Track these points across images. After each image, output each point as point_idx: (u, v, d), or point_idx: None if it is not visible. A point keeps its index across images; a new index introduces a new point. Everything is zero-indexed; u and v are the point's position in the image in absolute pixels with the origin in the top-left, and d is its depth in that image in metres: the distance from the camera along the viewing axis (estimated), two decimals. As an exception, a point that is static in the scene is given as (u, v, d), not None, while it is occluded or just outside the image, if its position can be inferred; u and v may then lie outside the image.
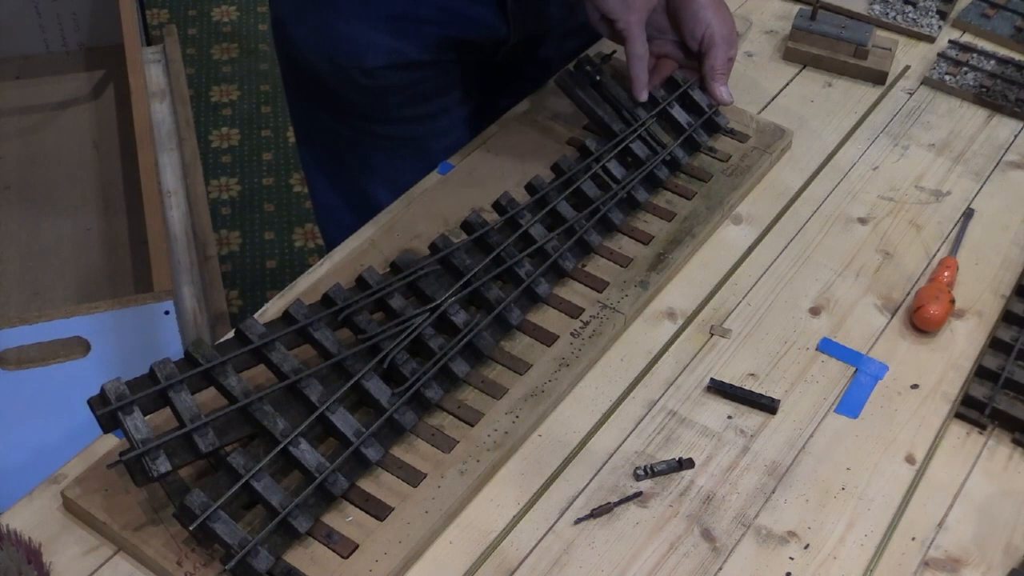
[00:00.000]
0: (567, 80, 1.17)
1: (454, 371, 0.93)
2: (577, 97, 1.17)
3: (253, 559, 0.79)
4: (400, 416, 0.89)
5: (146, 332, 1.52)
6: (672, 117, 1.17)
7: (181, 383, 0.85)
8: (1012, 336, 1.02)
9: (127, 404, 0.82)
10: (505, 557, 0.86)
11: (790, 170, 1.21)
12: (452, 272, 1.00)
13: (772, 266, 1.10)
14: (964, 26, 1.40)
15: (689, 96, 1.19)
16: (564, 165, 1.10)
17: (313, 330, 0.92)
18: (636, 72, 1.13)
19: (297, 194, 2.58)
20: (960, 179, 1.21)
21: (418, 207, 1.11)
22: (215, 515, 0.80)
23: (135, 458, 0.81)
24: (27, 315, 1.47)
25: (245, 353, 0.89)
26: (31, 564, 0.81)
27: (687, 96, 1.19)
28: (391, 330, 0.93)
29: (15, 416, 1.55)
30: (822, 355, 1.02)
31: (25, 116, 2.12)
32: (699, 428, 0.95)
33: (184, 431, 0.83)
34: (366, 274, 0.97)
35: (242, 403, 0.85)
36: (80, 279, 1.82)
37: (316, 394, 0.88)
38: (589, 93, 1.17)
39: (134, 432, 0.82)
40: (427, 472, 0.88)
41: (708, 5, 1.15)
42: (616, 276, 1.05)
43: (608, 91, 1.17)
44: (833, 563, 0.87)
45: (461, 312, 0.97)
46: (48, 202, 1.95)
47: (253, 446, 0.86)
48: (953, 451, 0.95)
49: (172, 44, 2.35)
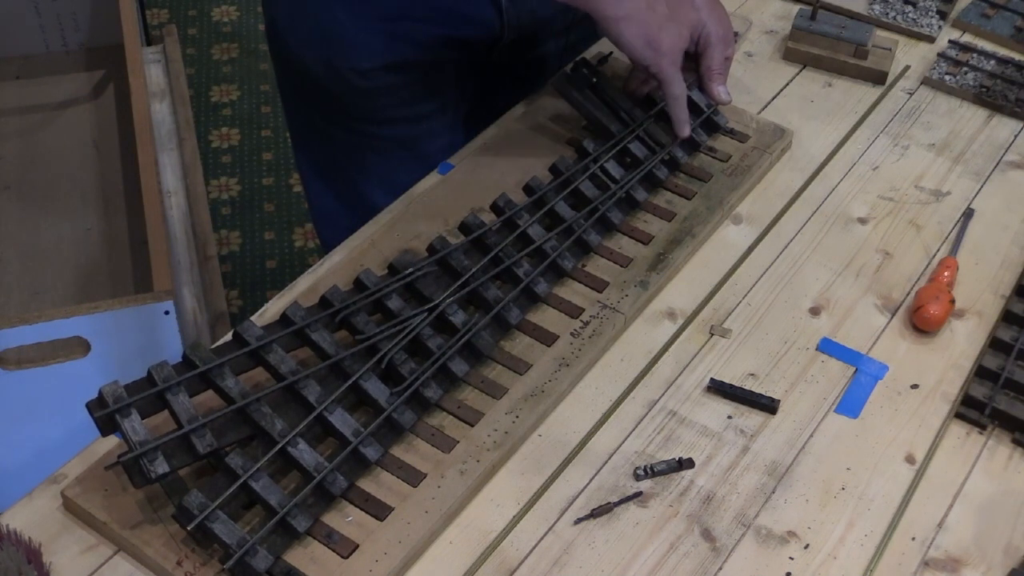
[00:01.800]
0: (564, 83, 1.17)
1: (453, 370, 0.93)
2: (574, 99, 1.17)
3: (252, 558, 0.79)
4: (399, 416, 0.89)
5: (146, 332, 1.52)
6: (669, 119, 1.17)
7: (179, 385, 0.85)
8: (1012, 336, 1.02)
9: (125, 407, 0.82)
10: (505, 557, 0.86)
11: (790, 170, 1.21)
12: (450, 273, 1.00)
13: (772, 266, 1.10)
14: (964, 26, 1.40)
15: (688, 96, 1.19)
16: (562, 166, 1.10)
17: (310, 332, 0.92)
18: (675, 113, 1.14)
19: (297, 194, 2.58)
20: (960, 179, 1.21)
21: (418, 207, 1.11)
22: (213, 515, 0.80)
23: (133, 460, 0.81)
24: (27, 315, 1.47)
25: (243, 355, 0.89)
26: (31, 564, 0.81)
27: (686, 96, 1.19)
28: (389, 331, 0.93)
29: (15, 416, 1.55)
30: (822, 355, 1.02)
31: (25, 116, 2.12)
32: (699, 428, 0.95)
33: (182, 432, 0.83)
34: (363, 275, 0.97)
35: (239, 404, 0.85)
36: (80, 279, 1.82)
37: (314, 395, 0.88)
38: (586, 95, 1.17)
39: (132, 434, 0.82)
40: (427, 472, 0.88)
41: (703, 6, 1.15)
42: (616, 276, 1.05)
43: (605, 92, 1.17)
44: (833, 563, 0.87)
45: (459, 312, 0.97)
46: (48, 202, 1.95)
47: (251, 447, 0.86)
48: (953, 451, 0.95)
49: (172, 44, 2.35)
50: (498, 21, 1.21)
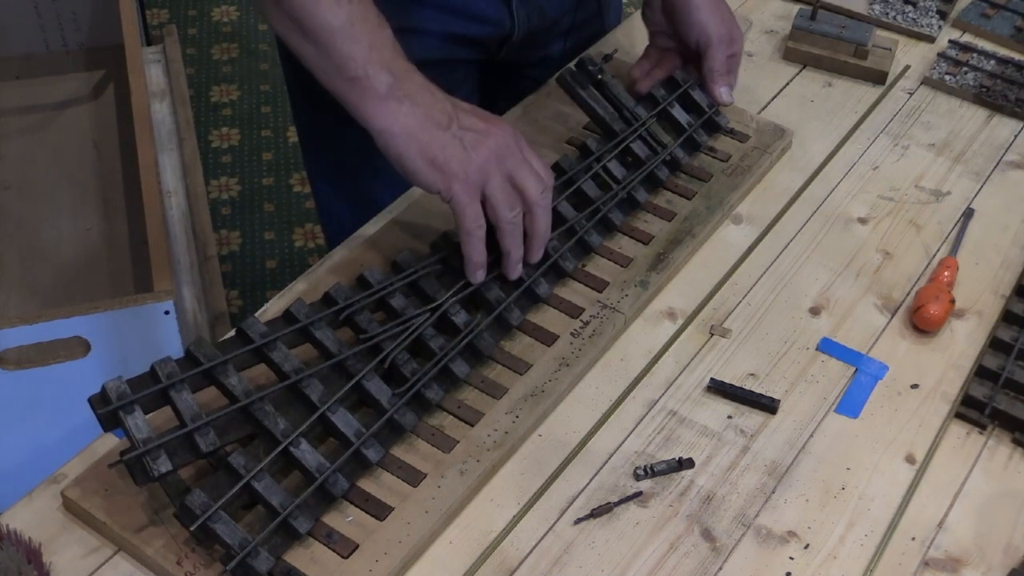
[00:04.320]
0: (569, 79, 1.17)
1: (454, 372, 0.93)
2: (579, 96, 1.17)
3: (253, 560, 0.79)
4: (400, 417, 0.89)
5: (146, 332, 1.52)
6: (672, 117, 1.17)
7: (182, 382, 0.85)
8: (1012, 336, 1.02)
9: (128, 403, 0.82)
10: (505, 557, 0.86)
11: (790, 170, 1.21)
12: (453, 272, 1.00)
13: (772, 266, 1.10)
14: (964, 26, 1.40)
15: (689, 96, 1.19)
16: (565, 165, 1.10)
17: (314, 329, 0.92)
18: (468, 251, 0.95)
19: (297, 194, 2.58)
20: (960, 179, 1.21)
21: (421, 206, 1.11)
22: (216, 515, 0.80)
23: (136, 458, 0.80)
24: (27, 315, 1.47)
25: (246, 352, 0.89)
26: (31, 564, 0.81)
27: (687, 96, 1.19)
28: (392, 330, 0.93)
29: (15, 416, 1.55)
30: (822, 355, 1.02)
31: (25, 116, 2.13)
32: (699, 428, 0.95)
33: (185, 431, 0.83)
34: (367, 274, 0.97)
35: (243, 403, 0.85)
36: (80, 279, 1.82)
37: (317, 394, 0.88)
38: (590, 92, 1.17)
39: (135, 431, 0.81)
40: (427, 472, 0.88)
41: (703, 5, 1.15)
42: (616, 276, 1.05)
43: (609, 90, 1.17)
44: (833, 563, 0.87)
45: (462, 312, 0.97)
46: (48, 202, 1.95)
47: (253, 446, 0.85)
48: (953, 451, 0.95)
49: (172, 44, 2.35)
50: (509, 19, 1.21)
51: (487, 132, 0.95)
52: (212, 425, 0.84)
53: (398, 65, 0.94)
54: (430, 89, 0.95)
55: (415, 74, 0.95)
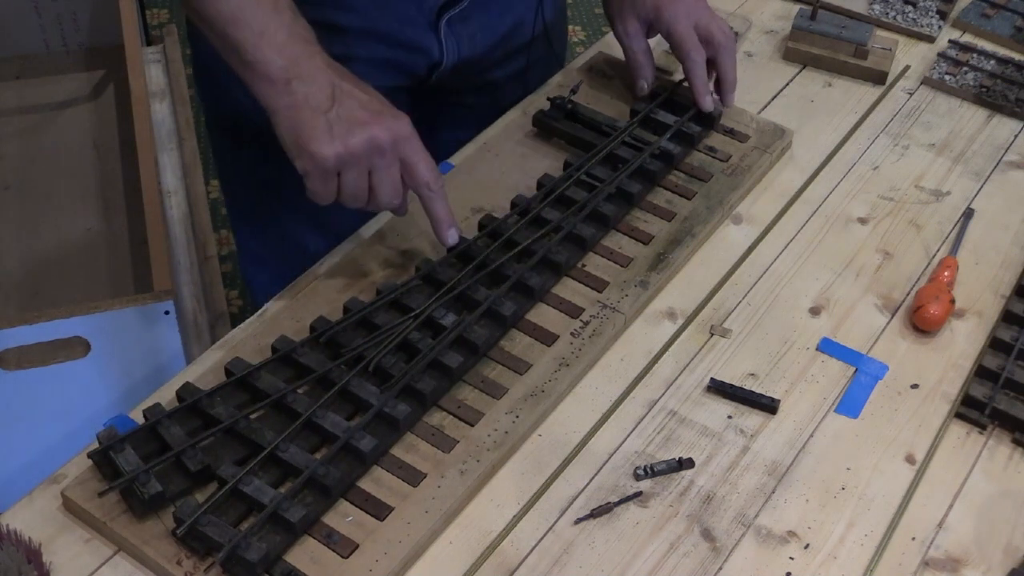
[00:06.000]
0: (543, 121, 1.19)
1: (446, 363, 0.93)
2: (557, 131, 1.18)
3: (244, 551, 0.79)
4: (391, 409, 0.89)
5: (146, 332, 1.52)
6: (657, 122, 1.18)
7: (169, 418, 0.87)
8: (1012, 336, 1.02)
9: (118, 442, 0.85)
10: (505, 557, 0.86)
11: (790, 170, 1.21)
12: (437, 285, 1.00)
13: (772, 266, 1.10)
14: (964, 26, 1.40)
15: (673, 100, 1.20)
16: (547, 182, 1.11)
17: (297, 356, 0.93)
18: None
19: (297, 194, 2.58)
20: (960, 179, 1.21)
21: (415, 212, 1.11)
22: (204, 518, 0.81)
23: (127, 483, 0.82)
24: (27, 315, 1.46)
25: (230, 384, 0.91)
26: (31, 564, 0.81)
27: (671, 101, 1.21)
28: (376, 338, 0.94)
29: (15, 416, 1.55)
30: (822, 355, 1.02)
31: (25, 116, 2.12)
32: (699, 428, 0.95)
33: (172, 454, 0.85)
34: (350, 303, 0.98)
35: (226, 423, 0.87)
36: (80, 279, 1.81)
37: (303, 405, 0.89)
38: (566, 124, 1.18)
39: (124, 465, 0.84)
40: (427, 472, 0.88)
41: (679, 18, 1.14)
42: (616, 276, 1.05)
43: (583, 115, 1.18)
44: (833, 563, 0.87)
45: (449, 315, 0.97)
46: (48, 202, 1.95)
47: (245, 460, 0.87)
48: (953, 451, 0.95)
49: (172, 44, 2.34)
50: (437, 47, 1.17)
51: (365, 124, 0.94)
52: (199, 447, 0.86)
53: (293, 49, 0.95)
54: (326, 73, 0.95)
55: (315, 58, 0.96)
